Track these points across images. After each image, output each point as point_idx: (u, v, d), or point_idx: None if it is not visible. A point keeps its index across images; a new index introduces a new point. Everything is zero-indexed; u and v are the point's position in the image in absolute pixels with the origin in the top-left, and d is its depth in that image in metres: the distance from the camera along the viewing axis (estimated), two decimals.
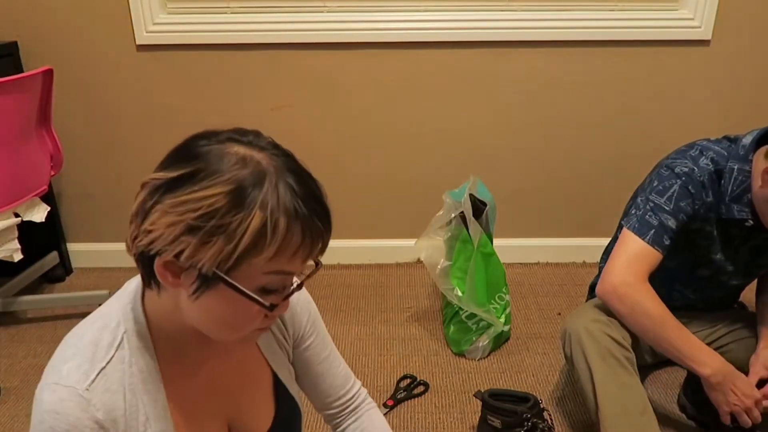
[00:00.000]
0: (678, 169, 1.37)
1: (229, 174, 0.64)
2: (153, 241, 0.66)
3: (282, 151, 0.70)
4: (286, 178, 0.66)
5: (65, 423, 0.68)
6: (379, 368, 1.85)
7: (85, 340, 0.74)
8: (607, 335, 1.39)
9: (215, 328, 0.72)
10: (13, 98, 1.74)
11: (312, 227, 0.67)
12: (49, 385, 0.70)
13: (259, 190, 0.64)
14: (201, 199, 0.64)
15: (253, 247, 0.64)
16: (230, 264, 0.65)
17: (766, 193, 1.29)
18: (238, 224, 0.63)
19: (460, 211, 1.87)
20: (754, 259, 1.47)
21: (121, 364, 0.73)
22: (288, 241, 0.65)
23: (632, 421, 1.35)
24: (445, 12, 2.16)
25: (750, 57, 2.20)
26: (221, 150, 0.66)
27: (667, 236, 1.35)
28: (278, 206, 0.64)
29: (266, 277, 0.67)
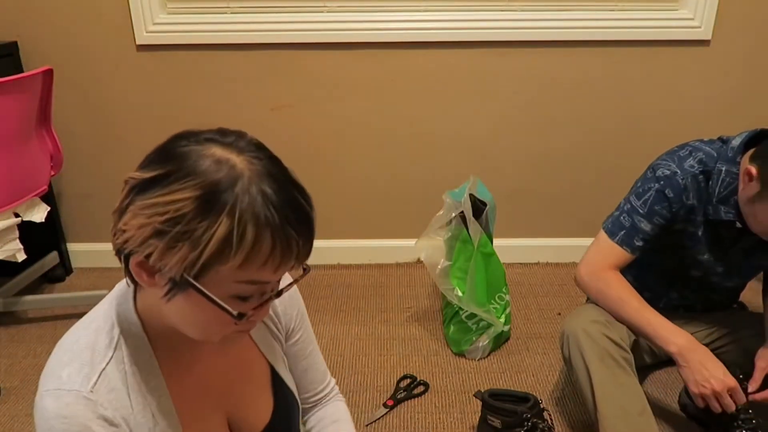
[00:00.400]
0: (660, 171, 1.39)
1: (201, 178, 0.63)
2: (126, 241, 0.66)
3: (264, 154, 0.68)
4: (260, 183, 0.64)
5: (76, 425, 0.67)
6: (379, 368, 1.85)
7: (81, 344, 0.73)
8: (605, 336, 1.40)
9: (191, 329, 0.71)
10: (13, 98, 1.74)
11: (283, 236, 0.64)
12: (51, 391, 0.69)
13: (229, 195, 0.62)
14: (168, 203, 0.63)
15: (219, 255, 0.63)
16: (196, 270, 0.64)
17: (747, 194, 1.29)
18: (204, 231, 0.62)
19: (460, 211, 1.87)
20: (747, 260, 1.47)
21: (120, 365, 0.73)
22: (257, 250, 0.63)
23: (631, 421, 1.35)
24: (445, 12, 2.16)
25: (750, 57, 2.20)
26: (198, 151, 0.65)
27: (638, 237, 1.42)
28: (247, 213, 0.62)
29: (238, 286, 0.66)
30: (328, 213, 2.41)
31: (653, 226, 1.41)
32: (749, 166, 1.27)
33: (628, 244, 1.43)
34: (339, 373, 1.83)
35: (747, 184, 1.29)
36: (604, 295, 1.45)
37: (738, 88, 2.24)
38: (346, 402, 1.69)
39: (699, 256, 1.46)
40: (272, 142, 0.73)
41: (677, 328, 1.38)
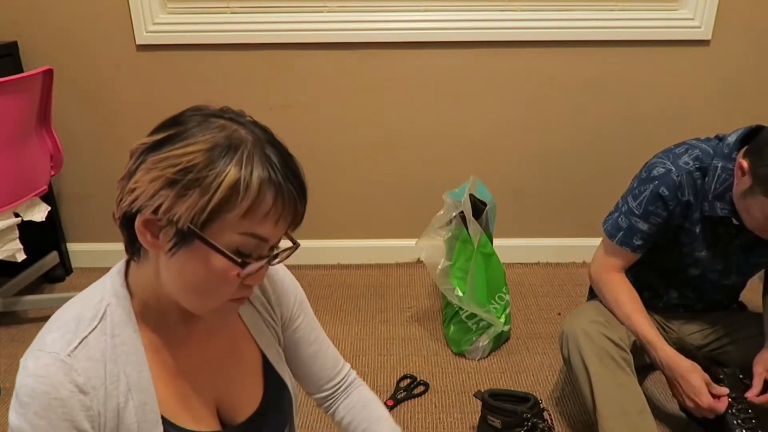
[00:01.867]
0: (655, 171, 1.40)
1: (209, 134, 0.69)
2: (135, 199, 0.70)
3: (261, 128, 0.74)
4: (263, 147, 0.70)
5: (46, 385, 0.70)
6: (379, 368, 1.85)
7: (69, 315, 0.77)
8: (604, 336, 1.40)
9: (190, 292, 0.73)
10: (13, 98, 1.74)
11: (284, 193, 0.70)
12: (33, 352, 0.73)
13: (236, 151, 0.68)
14: (181, 156, 0.68)
15: (226, 202, 0.67)
16: (204, 218, 0.68)
17: (740, 188, 1.30)
18: (214, 178, 0.67)
19: (460, 211, 1.87)
20: (745, 257, 1.47)
21: (102, 335, 0.75)
22: (260, 200, 0.68)
23: (630, 421, 1.36)
24: (445, 12, 2.16)
25: (750, 57, 2.20)
26: (204, 119, 0.71)
27: (637, 237, 1.45)
28: (252, 167, 0.68)
29: (240, 238, 0.70)
30: (328, 213, 2.41)
31: (650, 225, 1.43)
32: (742, 160, 1.28)
33: (628, 245, 1.46)
34: None
35: (740, 179, 1.30)
36: (603, 296, 1.52)
37: (738, 88, 2.24)
38: None
39: (697, 253, 1.46)
40: None
41: (660, 341, 1.41)
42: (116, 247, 2.66)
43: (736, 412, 1.37)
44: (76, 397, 0.71)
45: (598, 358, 1.39)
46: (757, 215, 1.27)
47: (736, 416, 1.36)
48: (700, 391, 1.34)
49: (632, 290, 1.49)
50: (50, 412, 0.70)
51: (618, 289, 1.48)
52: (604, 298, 1.51)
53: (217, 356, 0.87)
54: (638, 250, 1.47)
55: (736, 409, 1.37)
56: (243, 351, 0.90)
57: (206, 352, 0.86)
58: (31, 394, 0.69)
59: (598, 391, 1.38)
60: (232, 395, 0.88)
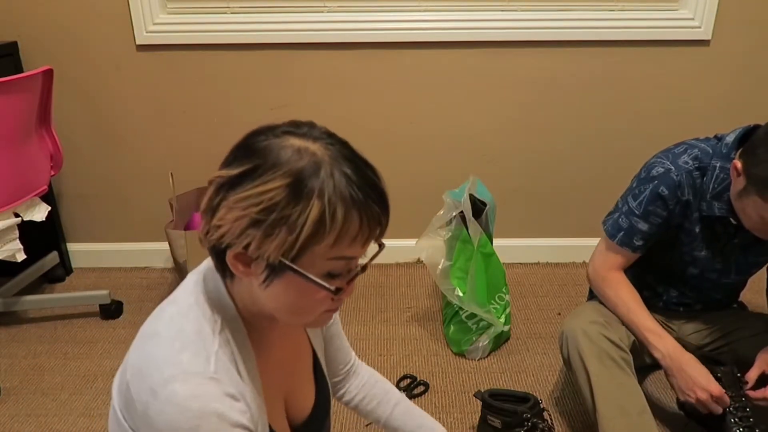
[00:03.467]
0: (655, 170, 1.41)
1: (287, 167, 0.68)
2: (222, 236, 0.71)
3: (337, 140, 0.73)
4: (341, 166, 0.69)
5: (209, 403, 0.69)
6: (379, 368, 1.85)
7: (188, 332, 0.74)
8: (603, 337, 1.40)
9: (287, 313, 0.75)
10: (13, 98, 1.74)
11: (369, 212, 0.70)
12: (176, 376, 0.70)
13: (316, 180, 0.67)
14: (262, 194, 0.67)
15: (314, 236, 0.68)
16: (294, 253, 0.69)
17: (736, 188, 1.31)
18: (299, 215, 0.67)
19: (460, 210, 1.87)
20: (744, 256, 1.47)
21: (227, 347, 0.76)
22: (347, 227, 0.69)
23: (630, 421, 1.36)
24: (445, 12, 2.16)
25: (750, 57, 2.20)
26: (278, 144, 0.70)
27: (638, 237, 1.45)
28: (335, 194, 0.67)
29: (330, 263, 0.71)
30: None
31: (650, 225, 1.43)
32: (736, 161, 1.28)
33: (628, 245, 1.46)
34: None
35: (735, 179, 1.30)
36: (604, 295, 1.52)
37: (738, 88, 2.24)
38: None
39: (696, 252, 1.47)
40: None
41: (664, 334, 1.41)
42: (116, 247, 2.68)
43: (734, 410, 1.37)
44: (235, 406, 0.72)
45: (597, 358, 1.39)
46: (753, 215, 1.28)
47: (734, 414, 1.37)
48: (701, 382, 1.33)
49: (632, 287, 1.49)
50: (221, 424, 0.69)
51: (618, 287, 1.49)
52: (605, 296, 1.51)
53: (288, 358, 0.90)
54: (638, 250, 1.47)
55: (734, 408, 1.37)
56: (303, 351, 0.94)
57: (281, 353, 0.89)
58: (198, 415, 0.68)
59: (597, 391, 1.38)
60: (295, 396, 0.91)
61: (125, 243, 2.44)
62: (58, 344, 1.93)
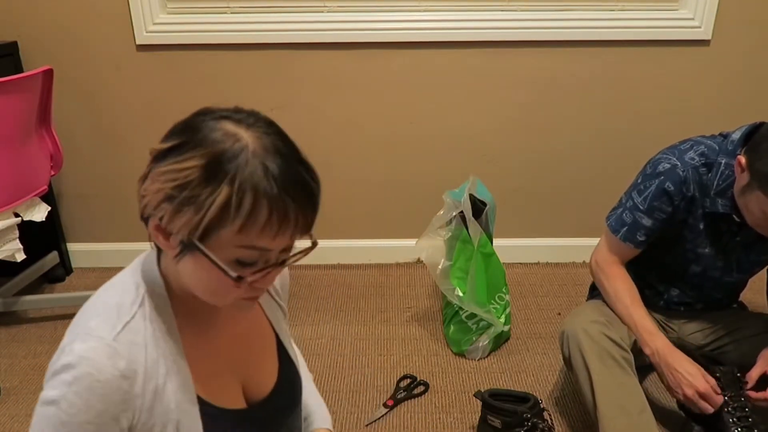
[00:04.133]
0: (661, 166, 1.41)
1: (208, 148, 0.68)
2: (145, 206, 0.73)
3: (273, 130, 0.73)
4: (264, 155, 0.69)
5: (91, 367, 0.72)
6: (379, 368, 1.85)
7: (109, 302, 0.78)
8: (605, 336, 1.40)
9: (200, 291, 0.76)
10: (13, 98, 1.74)
11: (280, 206, 0.69)
12: (79, 335, 0.74)
13: (231, 165, 0.68)
14: (179, 171, 0.69)
15: (219, 220, 0.68)
16: (200, 233, 0.69)
17: (739, 184, 1.31)
18: (207, 197, 0.68)
19: (460, 210, 1.87)
20: (746, 255, 1.47)
21: (143, 321, 0.78)
22: (254, 217, 0.68)
23: (631, 420, 1.36)
24: (445, 12, 2.16)
25: (750, 57, 2.20)
26: (211, 125, 0.71)
27: (641, 233, 1.46)
28: (246, 182, 0.67)
29: (239, 251, 0.71)
30: (328, 213, 2.41)
31: (654, 221, 1.44)
32: (740, 157, 1.28)
33: (631, 240, 1.47)
34: (339, 373, 1.83)
35: (739, 176, 1.30)
36: (603, 288, 1.53)
37: (738, 88, 2.24)
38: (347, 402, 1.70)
39: (699, 249, 1.47)
40: None
41: (657, 332, 1.42)
42: (116, 247, 2.68)
43: (732, 410, 1.37)
44: (117, 381, 0.73)
45: (599, 357, 1.39)
46: (755, 211, 1.28)
47: (733, 414, 1.37)
48: (688, 379, 1.34)
49: (632, 284, 1.50)
50: (89, 393, 0.72)
51: (618, 282, 1.50)
52: (604, 290, 1.53)
53: (241, 338, 0.90)
54: (641, 246, 1.48)
55: (733, 408, 1.37)
56: (262, 333, 0.94)
57: (232, 331, 0.89)
58: (74, 374, 0.71)
59: (598, 390, 1.38)
60: (254, 375, 0.92)
61: (125, 243, 2.44)
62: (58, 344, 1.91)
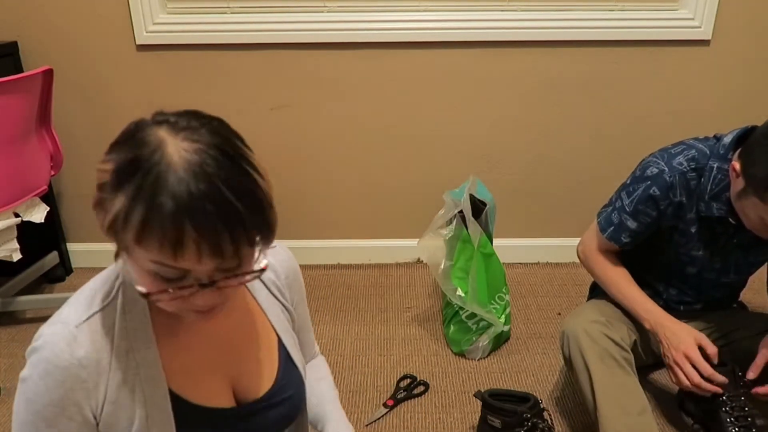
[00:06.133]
0: (649, 171, 1.42)
1: (126, 153, 0.67)
2: None
3: (212, 142, 0.67)
4: (177, 171, 0.64)
5: (49, 351, 0.74)
6: (379, 368, 1.85)
7: (86, 291, 0.81)
8: (605, 336, 1.40)
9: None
10: (13, 98, 1.74)
11: (173, 227, 0.63)
12: (51, 322, 0.77)
13: (135, 176, 0.65)
14: (100, 171, 0.70)
15: (115, 229, 0.67)
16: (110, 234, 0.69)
17: (735, 189, 1.31)
18: (108, 202, 0.68)
19: (460, 210, 1.87)
20: (744, 256, 1.47)
21: (114, 311, 0.79)
22: (147, 233, 0.64)
23: (631, 421, 1.36)
24: (445, 12, 2.16)
25: (750, 57, 2.20)
26: (149, 129, 0.68)
27: (625, 234, 1.49)
28: (142, 197, 0.64)
29: (152, 264, 0.67)
30: (328, 213, 2.41)
31: (639, 224, 1.46)
32: (735, 162, 1.29)
33: (615, 240, 1.50)
34: (339, 373, 1.83)
35: (735, 181, 1.31)
36: (594, 273, 1.57)
37: (738, 88, 2.24)
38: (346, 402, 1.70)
39: (693, 252, 1.47)
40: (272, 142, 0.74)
41: (654, 305, 1.44)
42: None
43: (730, 410, 1.37)
44: (74, 369, 0.74)
45: (599, 357, 1.39)
46: (752, 216, 1.28)
47: (730, 414, 1.37)
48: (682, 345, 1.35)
49: (621, 265, 1.53)
50: (48, 377, 0.74)
51: (606, 266, 1.53)
52: (594, 275, 1.57)
53: (230, 335, 0.88)
54: (625, 246, 1.51)
55: (731, 407, 1.37)
56: (259, 332, 0.92)
57: (218, 330, 0.87)
58: (38, 356, 0.74)
59: (599, 390, 1.38)
60: (247, 374, 0.90)
61: None
62: None
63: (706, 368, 1.34)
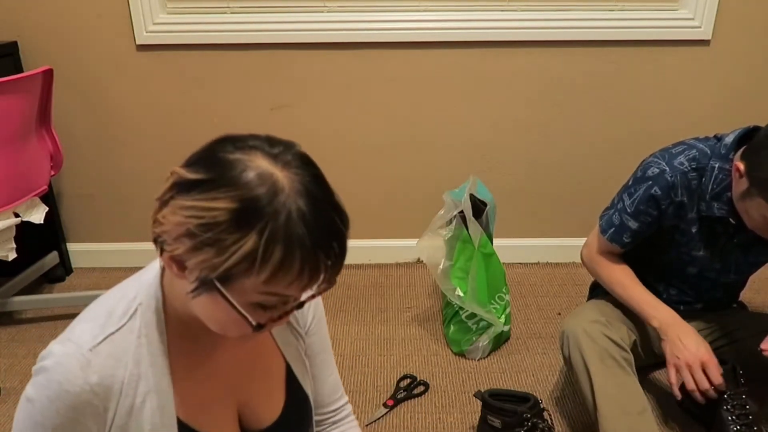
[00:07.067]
0: (650, 171, 1.42)
1: (241, 190, 0.63)
2: (162, 233, 0.69)
3: (309, 171, 0.67)
4: (299, 202, 0.64)
5: (61, 374, 0.71)
6: (379, 368, 1.85)
7: (102, 308, 0.77)
8: (605, 336, 1.40)
9: (211, 324, 0.73)
10: (13, 98, 1.74)
11: (312, 259, 0.65)
12: (63, 340, 0.74)
13: (263, 214, 0.63)
14: (206, 209, 0.64)
15: (243, 270, 0.64)
16: (220, 275, 0.65)
17: (738, 190, 1.31)
18: (232, 243, 0.63)
19: (460, 210, 1.87)
20: (744, 256, 1.47)
21: (130, 334, 0.76)
22: (285, 270, 0.64)
23: (631, 421, 1.36)
24: (445, 12, 2.16)
25: (750, 57, 2.20)
26: (244, 161, 0.65)
27: (627, 235, 1.48)
28: (278, 234, 0.63)
29: (261, 296, 0.67)
30: None
31: (640, 224, 1.45)
32: (738, 163, 1.28)
33: (617, 241, 1.50)
34: (339, 373, 1.82)
35: (737, 181, 1.30)
36: (598, 275, 1.56)
37: (738, 88, 2.24)
38: None
39: (694, 252, 1.47)
40: None
41: (661, 304, 1.44)
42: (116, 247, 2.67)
43: (731, 408, 1.37)
44: (86, 395, 0.72)
45: (599, 357, 1.39)
46: (756, 216, 1.28)
47: (731, 412, 1.37)
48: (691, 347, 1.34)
49: (626, 266, 1.53)
50: (60, 401, 0.71)
51: (611, 267, 1.53)
52: (599, 277, 1.56)
53: (242, 365, 0.87)
54: (626, 246, 1.51)
55: (732, 406, 1.38)
56: (268, 360, 0.91)
57: (232, 360, 0.86)
58: (48, 377, 0.71)
59: (598, 391, 1.38)
60: (255, 403, 0.89)
61: (125, 243, 2.44)
62: None
63: (717, 377, 1.33)
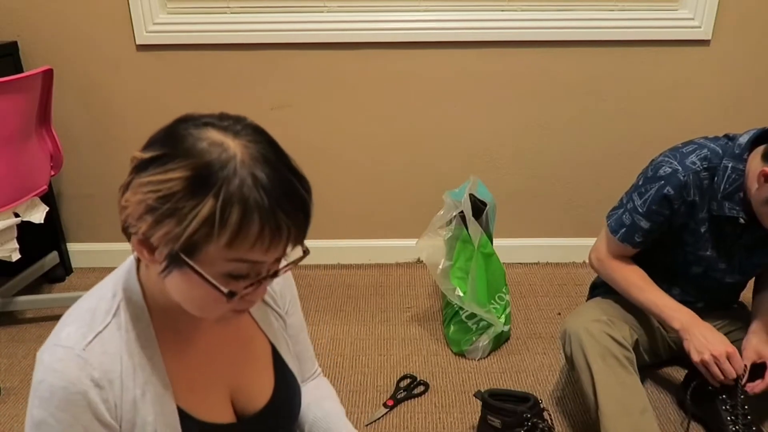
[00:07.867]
0: (662, 170, 1.41)
1: (193, 159, 0.65)
2: (127, 217, 0.70)
3: (261, 138, 0.69)
4: (253, 166, 0.66)
5: (63, 380, 0.71)
6: (379, 368, 1.85)
7: (83, 308, 0.77)
8: (607, 335, 1.40)
9: (188, 305, 0.74)
10: (13, 98, 1.74)
11: (272, 219, 0.66)
12: (49, 346, 0.73)
13: (217, 178, 0.64)
14: (162, 182, 0.66)
15: (204, 235, 0.65)
16: (183, 247, 0.66)
17: (763, 195, 1.29)
18: (189, 210, 0.65)
19: (460, 210, 1.87)
20: (749, 257, 1.47)
21: (117, 330, 0.76)
22: (244, 232, 0.65)
23: (632, 420, 1.36)
24: (445, 12, 2.16)
25: (750, 57, 2.20)
26: (196, 134, 0.67)
27: (638, 234, 1.48)
28: (234, 196, 0.64)
29: (230, 264, 0.68)
30: (328, 213, 2.41)
31: (653, 223, 1.44)
32: (765, 167, 1.27)
33: (629, 241, 1.49)
34: (339, 373, 1.83)
35: (762, 185, 1.29)
36: (612, 279, 1.54)
37: (738, 88, 2.24)
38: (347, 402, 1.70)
39: (701, 252, 1.47)
40: None
41: (680, 306, 1.44)
42: (116, 247, 2.67)
43: (731, 407, 1.38)
44: (93, 391, 0.72)
45: (601, 356, 1.39)
46: None
47: (730, 412, 1.37)
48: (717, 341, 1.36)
49: (638, 268, 1.52)
50: (72, 405, 0.71)
51: (625, 270, 1.52)
52: (614, 281, 1.54)
53: (228, 348, 0.88)
54: (638, 246, 1.50)
55: (731, 405, 1.38)
56: (253, 343, 0.92)
57: (217, 343, 0.87)
58: (49, 389, 0.70)
59: (600, 390, 1.38)
60: (246, 386, 0.90)
61: (125, 243, 2.42)
62: None
63: (741, 366, 1.36)
